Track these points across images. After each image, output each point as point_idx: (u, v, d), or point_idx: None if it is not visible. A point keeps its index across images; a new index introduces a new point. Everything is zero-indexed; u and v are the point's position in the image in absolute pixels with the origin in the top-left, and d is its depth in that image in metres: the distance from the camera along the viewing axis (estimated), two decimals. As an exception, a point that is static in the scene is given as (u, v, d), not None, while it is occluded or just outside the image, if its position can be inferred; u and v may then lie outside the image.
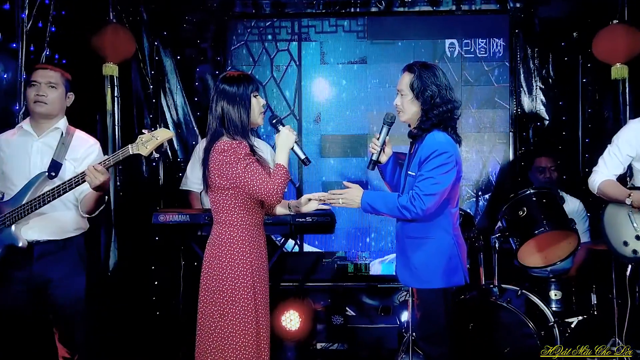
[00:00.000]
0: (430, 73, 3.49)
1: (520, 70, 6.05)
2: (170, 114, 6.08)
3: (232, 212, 3.31)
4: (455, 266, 3.49)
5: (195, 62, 6.09)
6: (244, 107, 3.28)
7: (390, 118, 3.64)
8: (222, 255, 3.30)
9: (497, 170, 6.13)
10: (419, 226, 3.48)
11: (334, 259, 5.95)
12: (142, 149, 3.46)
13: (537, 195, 4.56)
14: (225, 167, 3.24)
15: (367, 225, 6.14)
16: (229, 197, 3.30)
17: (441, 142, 3.42)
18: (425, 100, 3.47)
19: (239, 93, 3.28)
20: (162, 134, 3.48)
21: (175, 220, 4.45)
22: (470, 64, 6.12)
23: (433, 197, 3.37)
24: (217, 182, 3.29)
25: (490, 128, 6.13)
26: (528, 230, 4.46)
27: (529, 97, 6.06)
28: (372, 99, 6.18)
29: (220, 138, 3.30)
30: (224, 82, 3.31)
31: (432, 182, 3.38)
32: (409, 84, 3.50)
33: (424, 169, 3.40)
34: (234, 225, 3.31)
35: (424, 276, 3.48)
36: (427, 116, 3.47)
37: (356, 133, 6.19)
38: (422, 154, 3.43)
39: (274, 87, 6.20)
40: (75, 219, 3.80)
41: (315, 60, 6.20)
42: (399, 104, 3.58)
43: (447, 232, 3.50)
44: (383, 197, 3.50)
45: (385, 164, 3.74)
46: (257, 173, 3.24)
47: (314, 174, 6.15)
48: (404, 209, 3.40)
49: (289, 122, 6.17)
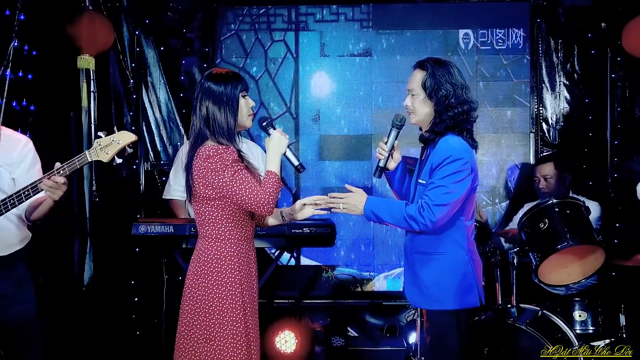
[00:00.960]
0: (444, 70, 3.49)
1: (542, 64, 6.03)
2: (152, 112, 6.07)
3: (219, 224, 3.31)
4: (469, 285, 3.48)
5: (181, 54, 6.09)
6: (231, 108, 3.29)
7: (400, 120, 3.62)
8: (208, 273, 3.29)
9: (516, 175, 6.12)
10: (430, 240, 3.47)
11: (334, 273, 6.00)
12: (102, 154, 3.42)
13: (561, 205, 4.55)
14: (211, 174, 3.24)
15: (371, 236, 6.15)
16: (215, 209, 3.30)
17: (455, 148, 3.42)
18: (439, 100, 3.46)
19: (226, 93, 3.28)
20: (123, 137, 3.45)
21: (158, 231, 4.46)
22: (487, 56, 6.11)
23: (444, 208, 3.36)
24: (202, 191, 3.29)
25: (508, 128, 6.12)
26: (550, 244, 4.46)
27: (552, 94, 6.05)
28: (377, 95, 6.18)
29: (205, 142, 3.30)
30: (209, 79, 3.32)
31: (443, 191, 3.36)
32: (421, 82, 3.50)
33: (435, 177, 3.40)
34: (221, 239, 3.31)
35: (435, 296, 3.47)
36: (440, 118, 3.47)
37: (360, 133, 6.18)
38: (434, 160, 3.43)
39: (268, 82, 6.19)
40: (19, 230, 3.71)
41: (314, 52, 6.18)
42: (409, 104, 3.57)
43: (461, 247, 3.49)
44: (389, 205, 3.50)
45: (394, 171, 3.73)
46: (246, 181, 3.23)
47: (313, 179, 6.16)
48: (411, 220, 3.39)
49: (285, 121, 6.17)
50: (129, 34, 5.91)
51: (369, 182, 6.11)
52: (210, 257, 3.30)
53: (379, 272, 6.12)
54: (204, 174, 3.24)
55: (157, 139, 6.04)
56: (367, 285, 6.10)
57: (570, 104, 6.02)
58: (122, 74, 5.84)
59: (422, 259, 3.50)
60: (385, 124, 5.91)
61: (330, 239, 4.55)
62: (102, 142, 3.43)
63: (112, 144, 3.42)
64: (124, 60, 5.85)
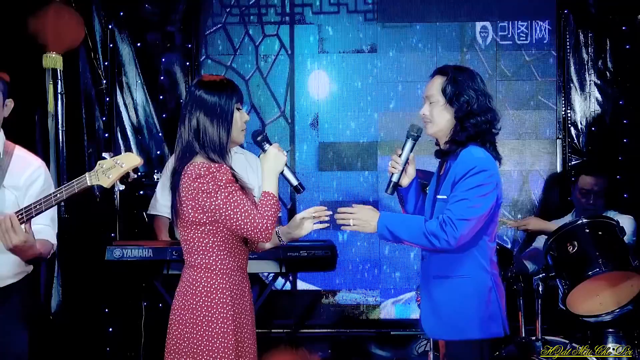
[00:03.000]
0: (466, 76, 3.59)
1: (570, 61, 6.07)
2: (128, 116, 6.09)
3: (209, 253, 3.31)
4: (493, 313, 3.54)
5: (160, 50, 6.09)
6: (225, 122, 3.31)
7: (416, 131, 3.67)
8: (197, 308, 3.29)
9: (541, 187, 6.13)
10: (450, 262, 3.54)
11: (336, 299, 6.01)
12: (103, 178, 3.42)
13: (591, 225, 4.57)
14: (202, 196, 3.24)
15: (377, 257, 6.14)
16: (205, 235, 3.30)
17: (480, 158, 3.50)
18: (460, 106, 3.54)
19: (220, 104, 3.30)
20: (127, 160, 3.45)
21: (135, 256, 4.49)
22: (508, 53, 6.12)
23: (467, 223, 3.43)
24: (191, 215, 3.28)
25: (532, 134, 6.13)
26: (579, 270, 4.48)
27: (581, 94, 6.09)
28: (383, 97, 6.18)
29: (194, 158, 3.31)
30: (201, 87, 3.33)
31: (467, 205, 3.43)
32: (441, 87, 3.57)
33: (458, 189, 3.47)
34: (212, 269, 3.31)
35: (456, 324, 3.52)
36: (462, 126, 3.55)
37: (364, 140, 6.19)
38: (456, 172, 3.50)
39: (259, 82, 6.19)
40: (16, 260, 3.68)
41: (311, 48, 6.19)
42: (426, 113, 3.63)
43: (485, 270, 3.55)
44: (406, 221, 3.56)
45: (407, 187, 3.77)
46: (241, 204, 3.23)
47: (311, 192, 6.12)
48: (431, 236, 3.45)
49: (278, 127, 6.19)
50: (101, 29, 5.95)
51: (375, 196, 6.11)
52: (199, 289, 3.28)
53: (386, 298, 6.11)
54: (193, 196, 3.23)
55: (134, 147, 6.04)
56: (372, 313, 6.10)
57: (602, 106, 6.07)
58: (94, 74, 5.87)
59: (442, 284, 3.55)
60: (393, 129, 6.19)
61: (330, 263, 4.60)
62: (105, 165, 3.41)
63: (115, 167, 3.41)
64: (96, 59, 5.88)
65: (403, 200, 3.81)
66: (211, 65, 6.21)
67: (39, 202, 3.45)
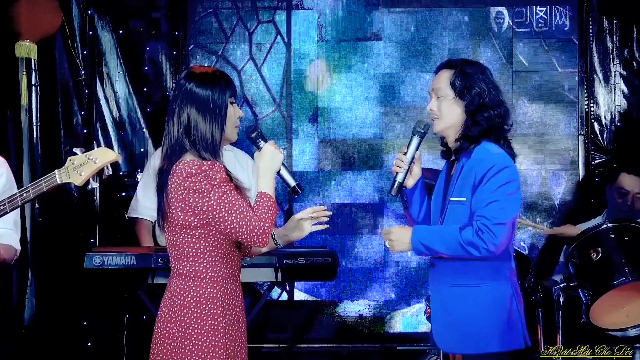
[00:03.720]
0: (475, 68, 3.63)
1: (593, 50, 6.05)
2: (109, 110, 6.06)
3: (200, 259, 3.30)
4: (514, 323, 3.57)
5: (144, 38, 6.09)
6: (219, 118, 3.31)
7: (423, 127, 3.69)
8: (185, 320, 3.27)
9: (561, 188, 6.12)
10: (467, 269, 3.56)
11: (337, 310, 5.98)
12: (75, 176, 3.42)
13: (617, 230, 4.52)
14: (194, 197, 3.23)
15: (382, 265, 6.13)
16: (196, 239, 3.29)
17: (498, 154, 3.55)
18: (472, 99, 3.58)
19: (213, 99, 3.31)
20: (102, 155, 3.46)
21: (117, 263, 4.48)
22: (525, 41, 6.10)
23: (504, 228, 3.47)
24: (180, 218, 3.27)
25: (552, 129, 6.12)
26: (604, 279, 4.44)
27: (606, 86, 6.07)
28: (388, 89, 6.16)
29: (183, 155, 3.30)
30: (192, 80, 3.34)
31: (498, 207, 3.46)
32: (449, 81, 3.61)
33: (483, 192, 3.50)
34: (202, 277, 3.30)
35: (475, 336, 3.55)
36: (474, 120, 3.59)
37: (367, 137, 6.18)
38: (476, 171, 3.53)
39: (253, 73, 6.18)
40: None
41: (310, 36, 6.19)
42: (434, 108, 3.66)
43: (504, 277, 3.59)
44: (439, 233, 3.59)
45: (412, 189, 3.77)
46: (236, 206, 3.23)
47: (309, 193, 6.09)
48: (469, 246, 3.47)
49: (274, 122, 6.17)
50: (80, 15, 5.91)
51: (380, 198, 6.11)
52: (187, 300, 3.26)
53: (392, 310, 6.11)
54: (183, 196, 3.22)
55: (115, 144, 6.02)
56: (377, 326, 6.09)
57: (629, 99, 6.06)
58: (72, 64, 5.84)
59: (461, 293, 3.57)
60: (399, 125, 6.18)
61: (331, 271, 4.58)
62: (77, 161, 3.43)
63: (88, 163, 3.42)
64: (74, 47, 5.84)
65: (407, 203, 3.81)
66: (200, 54, 6.20)
67: (3, 203, 3.45)
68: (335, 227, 6.08)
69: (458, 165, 3.63)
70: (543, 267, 5.78)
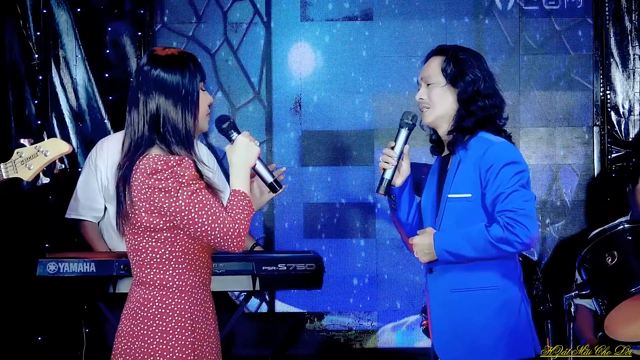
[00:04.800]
0: (468, 54, 3.72)
1: (609, 31, 6.06)
2: (66, 98, 6.03)
3: (166, 266, 3.29)
4: (524, 330, 3.67)
5: (106, 18, 6.08)
6: (193, 105, 3.31)
7: (412, 118, 3.73)
8: (149, 334, 3.25)
9: (574, 185, 6.12)
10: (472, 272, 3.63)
11: (323, 323, 6.00)
12: (22, 170, 3.48)
13: (635, 232, 4.49)
14: (159, 196, 3.21)
15: (373, 271, 6.13)
16: (161, 244, 3.28)
17: (502, 143, 3.63)
18: (465, 87, 3.65)
19: (184, 84, 3.30)
20: (53, 146, 3.50)
21: (74, 271, 4.44)
22: (533, 21, 6.13)
23: (532, 219, 3.54)
24: (143, 220, 3.25)
25: (563, 120, 6.12)
26: (620, 286, 4.39)
27: (624, 72, 6.06)
28: (380, 74, 6.17)
29: (148, 149, 3.28)
30: (157, 64, 3.32)
31: (521, 197, 3.53)
32: (441, 67, 3.69)
33: (496, 184, 3.56)
34: (168, 286, 3.29)
35: (484, 346, 3.61)
36: (467, 110, 3.65)
37: (357, 128, 6.20)
38: (480, 164, 3.59)
39: (228, 57, 6.18)
40: None
41: (292, 14, 6.19)
42: (424, 97, 3.72)
43: (513, 281, 3.67)
44: (466, 236, 3.62)
45: (401, 187, 3.81)
46: (208, 206, 3.23)
47: (292, 191, 6.14)
48: (501, 243, 3.53)
49: (252, 112, 6.15)
50: (33, -8, 5.86)
51: (370, 197, 6.11)
52: (151, 311, 3.25)
53: (385, 322, 6.11)
54: (148, 196, 3.20)
55: (73, 136, 6.00)
56: (368, 340, 6.08)
57: None
58: (23, 47, 5.85)
59: (464, 298, 3.63)
60: (393, 115, 6.10)
61: (315, 279, 4.55)
62: (25, 153, 3.48)
63: (38, 155, 3.48)
64: (26, 28, 5.84)
65: (395, 203, 3.85)
66: (169, 35, 6.19)
67: None
68: (321, 229, 6.13)
69: (454, 159, 3.69)
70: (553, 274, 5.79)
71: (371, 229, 6.12)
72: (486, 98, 3.65)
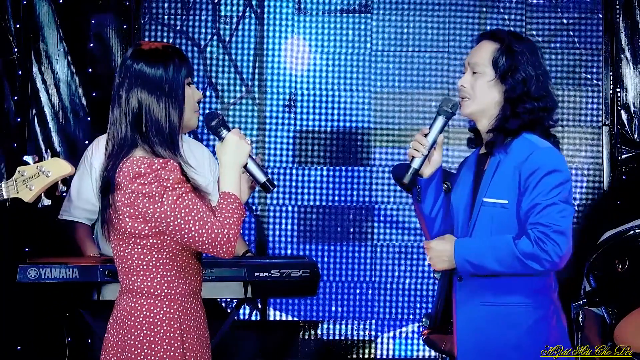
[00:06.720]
0: (526, 47, 3.59)
1: (620, 26, 6.07)
2: (47, 95, 6.03)
3: (153, 274, 3.28)
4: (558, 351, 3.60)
5: (89, 10, 6.08)
6: (177, 100, 3.29)
7: (452, 107, 3.63)
8: (136, 345, 3.24)
9: (582, 187, 6.16)
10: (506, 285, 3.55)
11: (317, 332, 6.04)
12: (24, 191, 3.51)
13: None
14: (144, 201, 3.20)
15: (370, 277, 6.15)
16: (147, 250, 3.27)
17: (548, 149, 3.53)
18: (514, 85, 3.54)
19: (167, 78, 3.28)
20: (55, 167, 3.48)
21: (56, 277, 4.43)
22: (539, 14, 6.16)
23: (566, 237, 3.45)
24: (128, 225, 3.24)
25: (570, 119, 6.13)
26: (632, 294, 4.43)
27: (635, 68, 6.09)
28: (379, 71, 6.18)
29: (132, 151, 3.26)
30: (140, 58, 3.31)
31: (557, 211, 3.43)
32: (492, 57, 3.58)
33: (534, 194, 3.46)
34: (156, 295, 3.28)
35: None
36: (513, 111, 3.55)
37: (354, 127, 6.21)
38: (522, 169, 3.50)
39: (218, 52, 6.20)
40: None
41: (286, 7, 6.21)
42: (466, 85, 3.63)
43: (547, 296, 3.59)
44: (490, 247, 3.56)
45: (429, 179, 3.72)
46: (194, 211, 3.21)
47: (285, 194, 6.17)
48: (529, 259, 3.44)
49: (244, 109, 6.17)
50: (12, -18, 5.86)
51: (368, 199, 6.13)
52: (139, 320, 3.24)
53: (383, 331, 6.12)
54: (132, 200, 3.19)
55: (55, 135, 6.01)
56: (365, 350, 6.09)
57: None
58: (2, 40, 5.84)
59: (494, 313, 3.56)
60: (392, 113, 6.24)
61: (310, 286, 4.56)
62: (27, 172, 3.48)
63: (40, 176, 3.46)
64: (5, 19, 5.84)
65: (420, 195, 3.76)
66: (156, 28, 6.19)
67: None
68: (316, 233, 6.17)
69: (493, 160, 3.61)
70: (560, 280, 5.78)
71: (369, 233, 6.12)
72: (535, 100, 3.54)
